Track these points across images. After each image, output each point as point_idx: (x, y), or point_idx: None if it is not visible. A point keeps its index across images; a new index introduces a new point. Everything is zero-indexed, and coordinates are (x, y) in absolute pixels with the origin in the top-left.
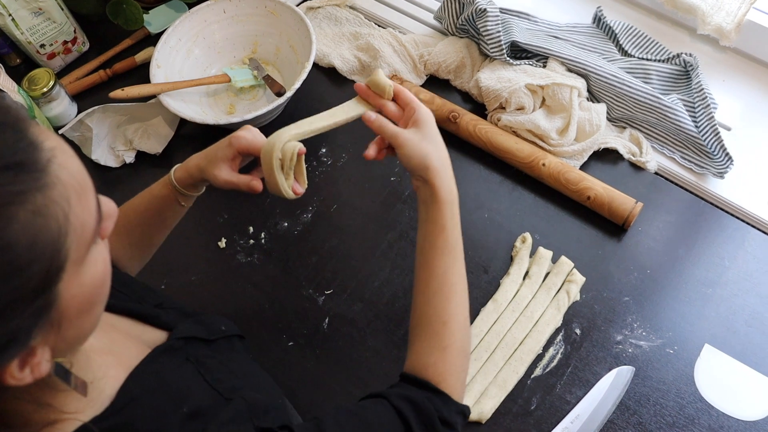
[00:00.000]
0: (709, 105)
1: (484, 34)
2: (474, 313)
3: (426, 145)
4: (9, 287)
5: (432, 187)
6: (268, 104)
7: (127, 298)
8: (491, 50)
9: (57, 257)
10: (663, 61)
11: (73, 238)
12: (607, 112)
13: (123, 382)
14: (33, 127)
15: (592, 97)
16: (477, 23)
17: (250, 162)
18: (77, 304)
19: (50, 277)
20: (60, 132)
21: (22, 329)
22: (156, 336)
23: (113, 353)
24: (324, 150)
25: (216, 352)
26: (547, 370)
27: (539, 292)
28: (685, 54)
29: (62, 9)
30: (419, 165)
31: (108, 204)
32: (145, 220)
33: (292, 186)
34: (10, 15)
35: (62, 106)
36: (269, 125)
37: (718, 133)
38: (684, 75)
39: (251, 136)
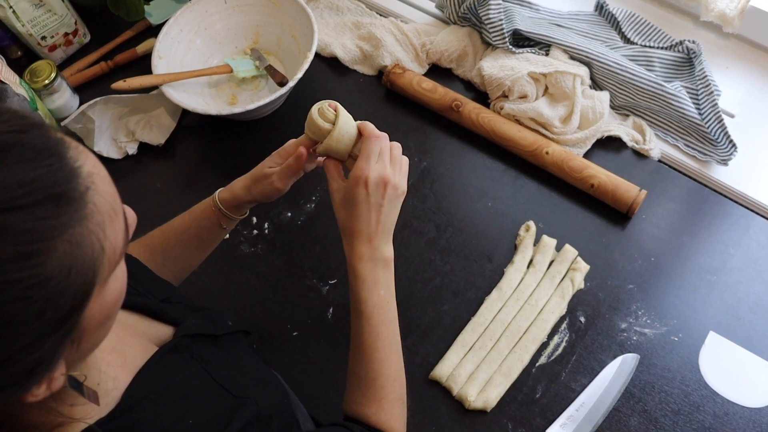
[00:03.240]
0: (712, 92)
1: (486, 22)
2: (478, 302)
3: (337, 211)
4: (42, 320)
5: (345, 250)
6: (270, 94)
7: (134, 291)
8: (493, 39)
9: (89, 284)
10: (666, 48)
11: (104, 263)
12: (611, 100)
13: (129, 384)
14: (71, 149)
15: (595, 85)
16: (479, 12)
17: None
18: (96, 321)
19: (79, 303)
20: (62, 124)
21: (47, 354)
22: (162, 331)
23: (119, 352)
24: None
25: (221, 349)
26: (552, 358)
27: (543, 281)
28: (688, 41)
29: (63, 1)
30: (337, 221)
31: (129, 213)
32: (184, 242)
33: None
34: (11, 7)
35: (64, 98)
36: (272, 116)
37: (722, 120)
38: (687, 62)
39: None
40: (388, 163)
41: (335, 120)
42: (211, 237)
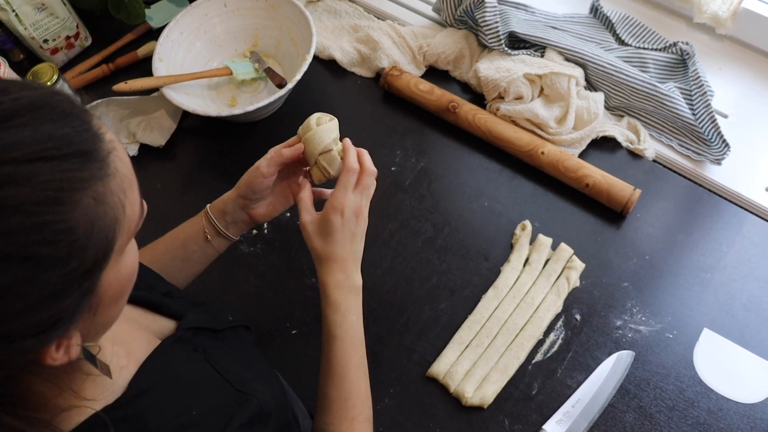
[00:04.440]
0: (705, 92)
1: (482, 25)
2: (475, 300)
3: (313, 240)
4: (66, 269)
5: (318, 277)
6: (269, 96)
7: (137, 285)
8: (489, 41)
9: (109, 244)
10: (660, 50)
11: (123, 227)
12: (605, 101)
13: (134, 374)
14: (94, 119)
15: (590, 86)
16: (475, 14)
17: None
18: (112, 293)
19: (99, 262)
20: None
21: (68, 310)
22: (164, 325)
23: (124, 343)
24: None
25: (223, 342)
26: (548, 355)
27: (539, 279)
28: (682, 42)
29: (65, 4)
30: (311, 251)
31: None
32: (170, 251)
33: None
34: (13, 11)
35: None
36: (271, 117)
37: (715, 120)
38: (681, 63)
39: (274, 152)
40: (362, 195)
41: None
42: (196, 249)
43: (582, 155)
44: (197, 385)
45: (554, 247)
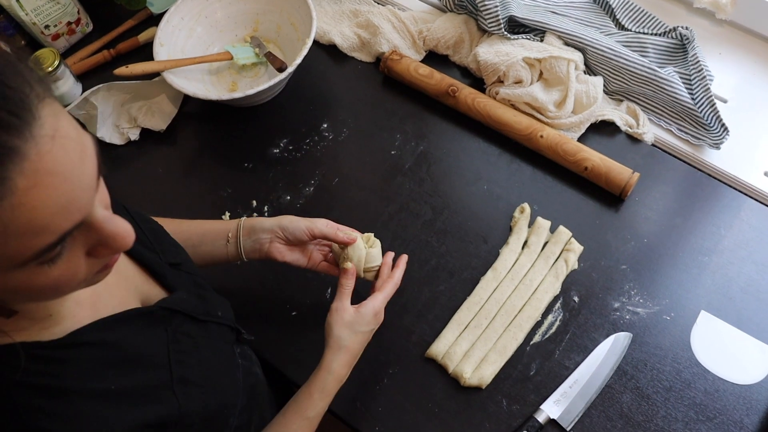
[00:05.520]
0: (705, 77)
1: (482, 9)
2: (474, 282)
3: (342, 328)
4: None
5: (324, 354)
6: (270, 80)
7: (149, 245)
8: (489, 25)
9: None
10: (660, 34)
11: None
12: (605, 86)
13: (80, 327)
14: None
15: (590, 70)
16: None
17: None
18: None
19: None
20: (66, 110)
21: None
22: (153, 292)
23: (95, 294)
24: (326, 125)
25: (201, 334)
26: (546, 336)
27: (538, 261)
28: (682, 27)
29: None
30: (326, 331)
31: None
32: (188, 233)
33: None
34: None
35: (67, 85)
36: (271, 102)
37: (714, 104)
38: (680, 48)
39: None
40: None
41: (372, 245)
42: (208, 244)
43: (581, 139)
44: (137, 364)
45: (553, 229)
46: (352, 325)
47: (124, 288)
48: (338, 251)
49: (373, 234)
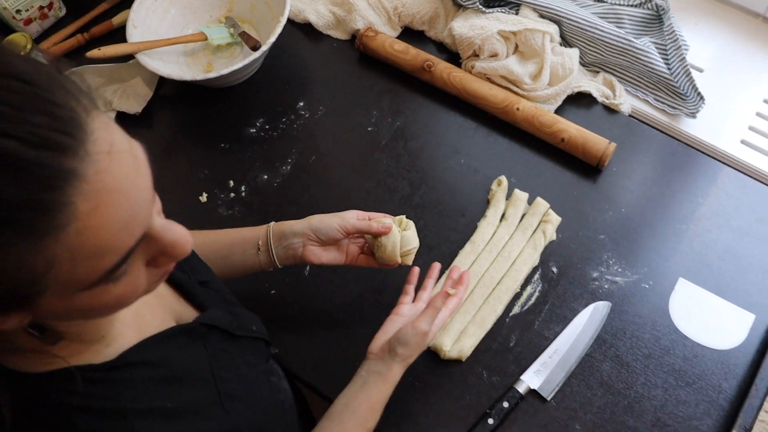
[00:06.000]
0: (680, 47)
1: None
2: (452, 256)
3: (418, 350)
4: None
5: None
6: (244, 60)
7: (179, 266)
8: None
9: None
10: (635, 5)
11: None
12: (581, 57)
13: (132, 346)
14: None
15: (565, 42)
16: None
17: None
18: (61, 313)
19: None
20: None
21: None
22: (186, 311)
23: (139, 315)
24: (302, 104)
25: (236, 349)
26: (525, 307)
27: (516, 233)
28: None
29: None
30: (400, 343)
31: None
32: (217, 244)
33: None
34: None
35: None
36: (247, 82)
37: (690, 74)
38: (656, 19)
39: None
40: None
41: (406, 227)
42: (238, 254)
43: (558, 111)
44: (186, 381)
45: (530, 201)
46: (422, 348)
47: (161, 307)
48: (371, 239)
49: (405, 216)
